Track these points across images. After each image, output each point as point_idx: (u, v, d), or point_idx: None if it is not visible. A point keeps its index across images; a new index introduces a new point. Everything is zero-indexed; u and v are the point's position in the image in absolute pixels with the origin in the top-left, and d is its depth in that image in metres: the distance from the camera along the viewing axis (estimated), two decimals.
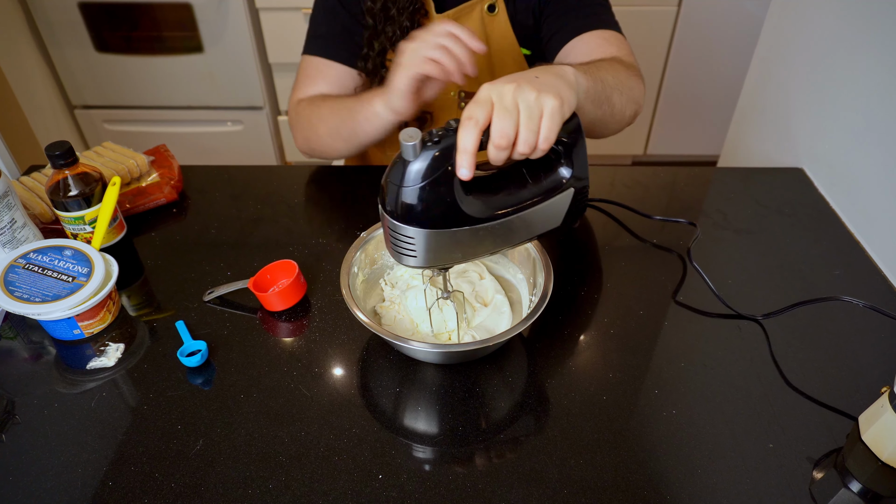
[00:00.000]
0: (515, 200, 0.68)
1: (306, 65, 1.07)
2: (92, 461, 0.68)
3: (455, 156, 0.60)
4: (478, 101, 0.61)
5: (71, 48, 2.14)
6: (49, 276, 0.80)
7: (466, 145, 0.59)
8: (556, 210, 0.72)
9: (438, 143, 0.61)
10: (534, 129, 0.61)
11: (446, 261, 0.69)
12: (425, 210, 0.63)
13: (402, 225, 0.64)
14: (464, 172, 0.60)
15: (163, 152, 1.12)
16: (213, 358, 0.79)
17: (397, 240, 0.66)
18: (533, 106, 0.60)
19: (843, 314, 0.84)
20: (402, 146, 0.60)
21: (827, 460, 0.67)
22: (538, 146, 0.62)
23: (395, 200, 0.62)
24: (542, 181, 0.70)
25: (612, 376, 0.76)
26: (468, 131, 0.59)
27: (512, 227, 0.69)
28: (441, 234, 0.65)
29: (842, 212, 1.03)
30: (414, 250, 0.66)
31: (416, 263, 0.67)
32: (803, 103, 1.20)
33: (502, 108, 0.60)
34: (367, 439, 0.69)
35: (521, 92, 0.61)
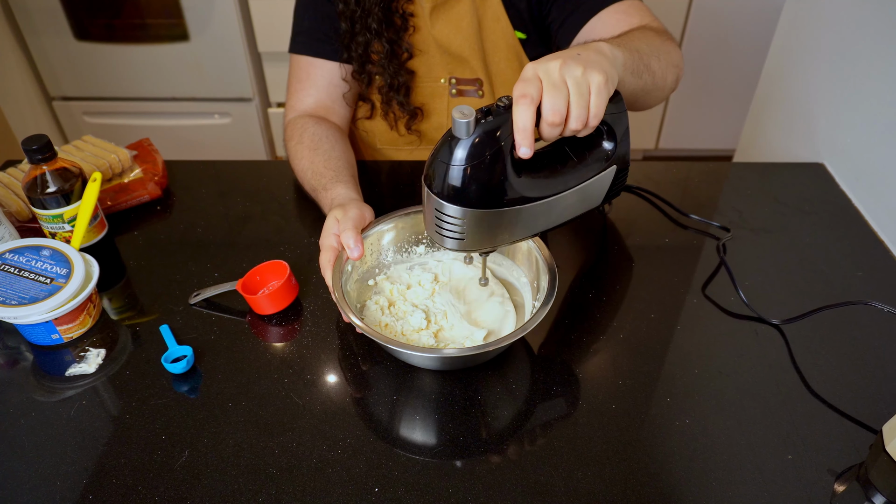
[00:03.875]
0: (562, 179, 0.71)
1: (295, 67, 1.10)
2: (71, 473, 0.67)
3: (512, 134, 0.62)
4: (527, 80, 0.62)
5: (49, 36, 2.14)
6: (26, 278, 0.80)
7: (525, 123, 0.61)
8: (600, 188, 0.75)
9: (493, 121, 0.62)
10: (584, 105, 0.63)
11: (491, 243, 0.71)
12: (477, 189, 0.64)
13: (451, 205, 0.65)
14: (524, 151, 0.62)
15: (146, 146, 1.12)
16: (200, 364, 0.79)
17: (443, 221, 0.67)
18: (581, 82, 0.63)
19: (867, 318, 0.84)
20: (454, 123, 0.61)
21: (849, 473, 0.67)
22: (589, 122, 0.64)
23: (445, 179, 0.64)
24: (587, 159, 0.72)
25: (622, 383, 0.76)
26: (525, 109, 0.61)
27: (558, 206, 0.72)
28: (491, 215, 0.66)
29: (865, 209, 1.03)
30: (461, 232, 0.67)
31: (460, 246, 0.69)
32: (824, 94, 1.20)
33: (552, 85, 0.62)
34: (363, 450, 0.69)
35: (568, 68, 0.63)
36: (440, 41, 1.04)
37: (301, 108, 1.08)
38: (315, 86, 1.08)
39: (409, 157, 1.18)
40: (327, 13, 1.04)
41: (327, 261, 0.78)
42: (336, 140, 1.01)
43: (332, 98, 1.08)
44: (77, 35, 2.13)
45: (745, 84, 2.19)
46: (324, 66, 1.07)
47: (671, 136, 2.48)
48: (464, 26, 1.03)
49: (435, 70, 1.08)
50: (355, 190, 0.91)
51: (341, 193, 0.89)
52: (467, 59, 1.06)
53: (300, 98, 1.08)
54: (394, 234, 0.86)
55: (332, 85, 1.08)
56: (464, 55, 1.05)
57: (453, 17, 1.02)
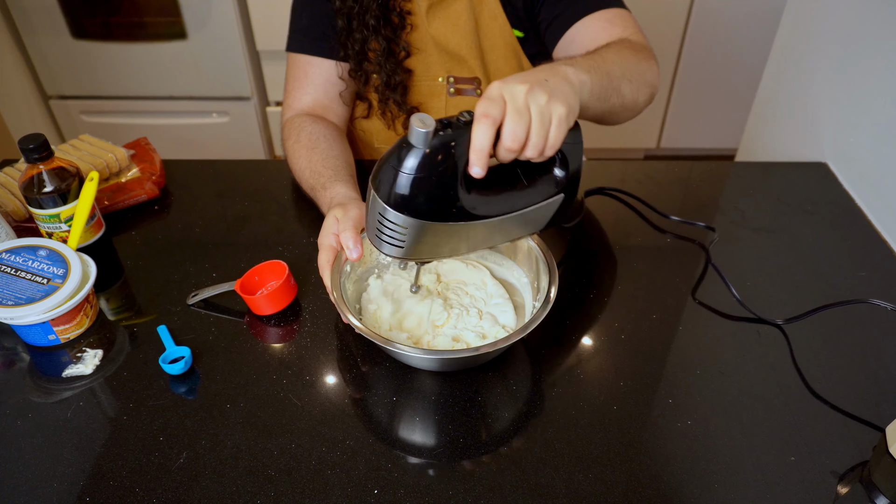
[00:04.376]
0: (510, 200, 0.70)
1: (292, 65, 1.10)
2: (68, 475, 0.67)
3: (468, 152, 0.62)
4: (492, 99, 0.62)
5: (46, 34, 2.14)
6: (22, 278, 0.80)
7: (483, 144, 0.61)
8: (545, 214, 0.75)
9: (451, 135, 0.62)
10: (543, 135, 0.63)
11: (430, 254, 0.71)
12: (424, 200, 0.64)
13: (395, 212, 0.64)
14: (477, 171, 0.62)
15: (144, 146, 1.12)
16: (198, 365, 0.79)
17: (385, 227, 0.66)
18: (544, 111, 0.63)
19: (870, 318, 0.84)
20: (412, 130, 0.60)
21: (852, 474, 0.67)
22: (544, 152, 0.65)
23: (393, 185, 0.63)
24: (537, 184, 0.72)
25: (623, 384, 0.76)
26: (485, 129, 0.61)
27: (501, 227, 0.72)
28: (433, 228, 0.66)
29: (868, 209, 1.03)
30: (401, 240, 0.67)
31: (398, 254, 0.69)
32: (827, 93, 1.20)
33: (515, 111, 0.62)
34: (362, 452, 0.69)
35: (534, 95, 0.63)
36: (437, 39, 1.04)
37: (298, 107, 1.08)
38: (313, 84, 1.08)
39: None
40: (324, 11, 1.04)
41: (326, 260, 0.78)
42: (334, 139, 1.01)
43: (329, 97, 1.08)
44: (74, 33, 2.13)
45: (747, 83, 2.18)
46: (321, 64, 1.07)
47: (673, 135, 2.48)
48: (461, 24, 1.03)
49: (433, 69, 1.08)
50: (354, 189, 0.91)
51: (340, 192, 0.89)
52: (465, 57, 1.06)
53: (297, 97, 1.08)
54: None
55: (329, 83, 1.08)
56: (461, 54, 1.05)
57: (450, 15, 1.02)
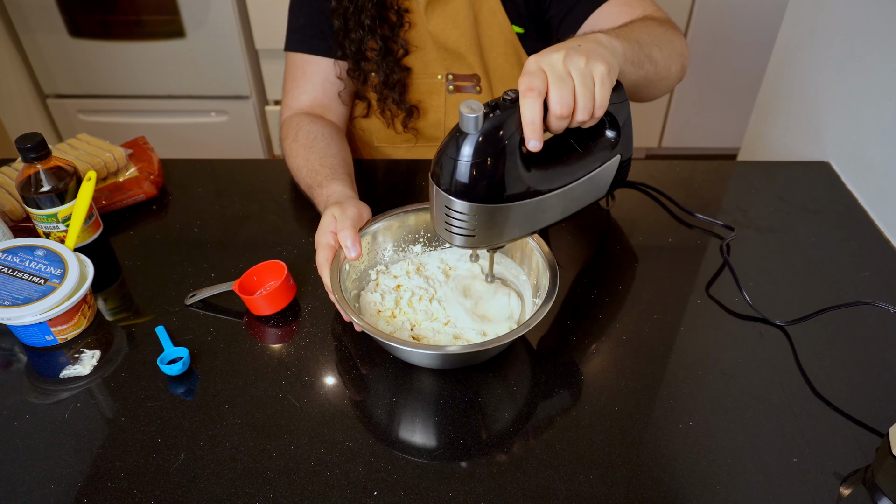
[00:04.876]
0: (569, 170, 0.71)
1: (290, 64, 1.10)
2: (65, 477, 0.68)
3: (520, 128, 0.63)
4: (532, 73, 0.63)
5: (43, 33, 2.14)
6: (19, 278, 0.80)
7: (534, 117, 0.62)
8: (604, 179, 0.76)
9: (501, 116, 0.62)
10: (590, 96, 0.64)
11: (501, 238, 0.71)
12: (486, 185, 0.64)
13: (461, 201, 0.65)
14: (534, 144, 0.63)
15: (141, 145, 1.12)
16: (196, 366, 0.79)
17: (453, 218, 0.67)
18: (585, 73, 0.64)
19: (874, 320, 0.84)
20: (462, 118, 0.61)
21: (855, 476, 0.67)
22: (594, 113, 0.65)
23: (454, 175, 0.64)
24: (593, 150, 0.73)
25: (625, 385, 0.76)
26: (533, 102, 0.62)
27: (565, 199, 0.72)
28: (500, 210, 0.67)
29: (871, 209, 1.03)
30: (472, 228, 0.67)
31: (471, 244, 0.69)
32: (830, 92, 1.20)
33: (557, 78, 0.63)
34: (361, 453, 0.69)
35: (571, 60, 0.63)
36: (436, 37, 1.04)
37: (297, 106, 1.08)
38: (311, 83, 1.08)
39: (407, 154, 1.19)
40: (322, 9, 1.04)
41: (325, 259, 0.78)
42: (332, 138, 1.01)
43: (328, 96, 1.08)
44: (71, 32, 2.13)
45: (749, 81, 2.18)
46: (319, 63, 1.07)
47: (675, 134, 2.48)
48: (460, 21, 1.03)
49: (431, 66, 1.08)
50: (351, 188, 0.91)
51: (337, 191, 0.89)
52: (464, 54, 1.06)
53: (296, 96, 1.09)
54: (391, 233, 0.86)
55: (328, 82, 1.08)
56: (460, 51, 1.05)
57: (449, 12, 1.02)
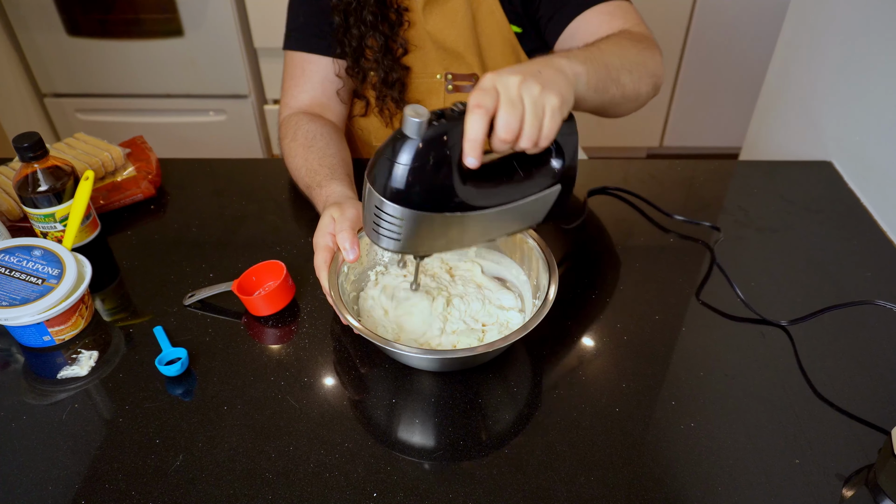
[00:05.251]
0: (507, 191, 0.71)
1: (289, 63, 1.10)
2: (63, 478, 0.67)
3: (462, 142, 0.62)
4: (484, 90, 0.63)
5: (40, 32, 2.13)
6: (17, 278, 0.80)
7: (477, 134, 0.62)
8: (542, 205, 0.75)
9: (445, 125, 0.62)
10: (537, 126, 0.64)
11: (427, 248, 0.72)
12: (420, 191, 0.64)
13: (392, 204, 0.65)
14: (471, 161, 0.63)
15: (140, 144, 1.12)
16: (195, 367, 0.79)
17: (382, 220, 0.67)
18: (537, 102, 0.64)
19: (876, 320, 0.84)
20: (405, 121, 0.61)
21: (857, 477, 0.67)
22: (539, 143, 0.66)
23: (389, 177, 0.64)
24: (534, 175, 0.73)
25: (626, 386, 0.76)
26: (478, 119, 0.62)
27: (499, 219, 0.72)
28: (430, 219, 0.67)
29: (873, 208, 1.03)
30: (398, 233, 0.67)
31: (395, 247, 0.69)
32: (832, 90, 1.20)
33: (508, 101, 0.63)
34: (361, 454, 0.69)
35: (527, 86, 0.63)
36: (434, 36, 1.04)
37: (296, 105, 1.08)
38: (310, 82, 1.08)
39: None
40: (321, 8, 1.04)
41: (323, 261, 0.78)
42: (331, 137, 1.01)
43: (327, 95, 1.08)
44: (69, 30, 2.13)
45: (751, 80, 2.18)
46: (319, 61, 1.07)
47: (676, 133, 2.48)
48: (458, 21, 1.03)
49: (430, 66, 1.08)
50: (350, 188, 0.91)
51: (336, 191, 0.89)
52: (462, 54, 1.06)
53: (295, 95, 1.08)
54: None
55: (327, 81, 1.08)
56: (458, 50, 1.05)
57: (447, 11, 1.02)
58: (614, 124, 2.31)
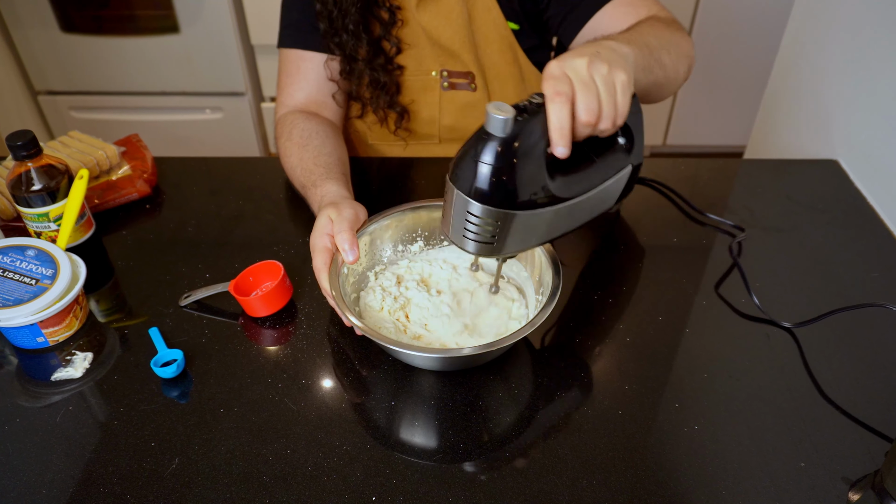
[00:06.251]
0: (587, 179, 0.71)
1: (285, 60, 1.10)
2: (57, 481, 0.68)
3: (546, 134, 0.62)
4: (557, 77, 0.63)
5: (34, 28, 2.14)
6: (10, 279, 0.80)
7: (563, 122, 0.62)
8: (616, 188, 0.76)
9: (528, 119, 0.62)
10: (613, 104, 0.65)
11: (517, 246, 0.70)
12: (510, 190, 0.63)
13: (482, 206, 0.63)
14: (561, 150, 0.63)
15: (135, 143, 1.12)
16: (190, 368, 0.79)
17: (471, 223, 0.65)
18: (608, 80, 0.64)
19: (883, 322, 0.84)
20: (490, 119, 0.60)
21: (864, 481, 0.67)
22: (616, 121, 0.66)
23: (476, 178, 0.62)
24: (608, 158, 0.73)
25: (629, 388, 0.76)
26: (561, 107, 0.62)
27: (581, 208, 0.72)
28: (522, 217, 0.66)
29: (881, 208, 1.03)
30: (491, 235, 0.66)
31: (486, 251, 0.67)
32: (838, 88, 1.20)
33: (583, 84, 0.63)
34: (360, 457, 0.69)
35: (595, 66, 0.64)
36: (429, 33, 1.04)
37: (292, 103, 1.08)
38: (306, 79, 1.08)
39: (402, 152, 1.19)
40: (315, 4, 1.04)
41: (323, 263, 0.78)
42: (326, 136, 1.01)
43: (323, 93, 1.08)
44: (63, 27, 2.13)
45: (756, 78, 2.19)
46: (314, 59, 1.07)
47: (680, 131, 2.48)
48: (453, 17, 1.03)
49: (426, 63, 1.08)
50: (346, 187, 0.90)
51: (331, 191, 0.88)
52: (458, 51, 1.06)
53: (290, 93, 1.08)
54: (389, 233, 0.86)
55: (322, 79, 1.08)
56: (454, 47, 1.05)
57: (442, 8, 1.02)
58: None
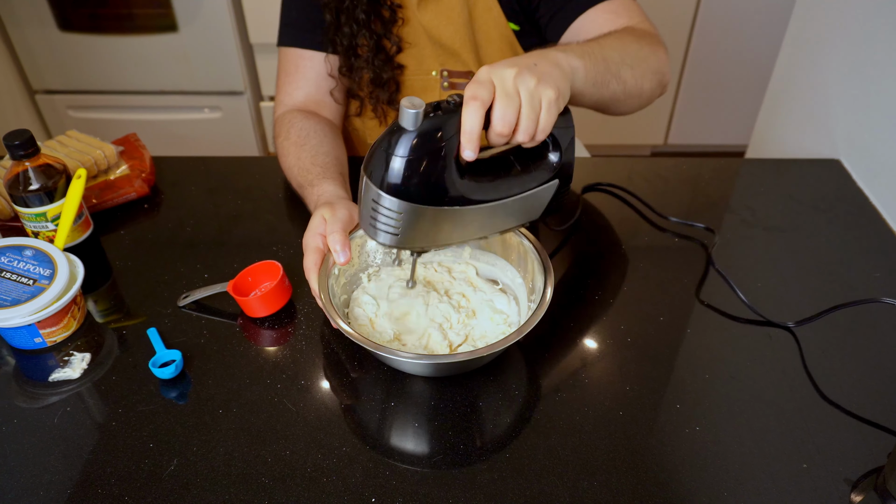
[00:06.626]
0: (505, 186, 0.72)
1: (284, 59, 1.10)
2: (55, 483, 0.68)
3: (459, 135, 0.63)
4: (480, 82, 0.63)
5: (32, 27, 2.14)
6: (7, 279, 0.80)
7: (473, 126, 0.63)
8: (540, 200, 0.76)
9: (441, 117, 0.63)
10: (534, 119, 0.65)
11: (424, 242, 0.72)
12: (417, 184, 0.65)
13: (389, 197, 0.65)
14: (468, 154, 0.64)
15: (133, 142, 1.12)
16: (189, 369, 0.79)
17: (379, 213, 0.67)
18: (534, 95, 0.64)
19: (884, 319, 0.84)
20: (402, 112, 0.61)
21: (866, 482, 0.67)
22: (535, 136, 0.66)
23: (385, 170, 0.64)
24: (531, 169, 0.74)
25: (629, 389, 0.76)
26: (474, 112, 0.62)
27: (496, 214, 0.73)
28: (428, 212, 0.67)
29: (883, 207, 1.03)
30: (396, 227, 0.68)
31: (392, 241, 0.69)
32: (840, 87, 1.20)
33: (504, 94, 0.63)
34: (359, 459, 0.69)
35: (522, 79, 0.64)
36: (430, 32, 1.04)
37: (290, 102, 1.08)
38: (305, 78, 1.08)
39: None
40: (315, 3, 1.04)
41: (313, 263, 0.78)
42: (324, 135, 1.01)
43: (322, 91, 1.08)
44: (61, 26, 2.13)
45: (757, 76, 2.18)
46: (313, 57, 1.07)
47: (681, 131, 2.48)
48: (454, 17, 1.03)
49: (426, 63, 1.08)
50: (343, 187, 0.90)
51: (328, 190, 0.88)
52: (458, 50, 1.06)
53: (289, 92, 1.08)
54: None
55: (321, 77, 1.08)
56: (455, 47, 1.05)
57: (443, 8, 1.02)
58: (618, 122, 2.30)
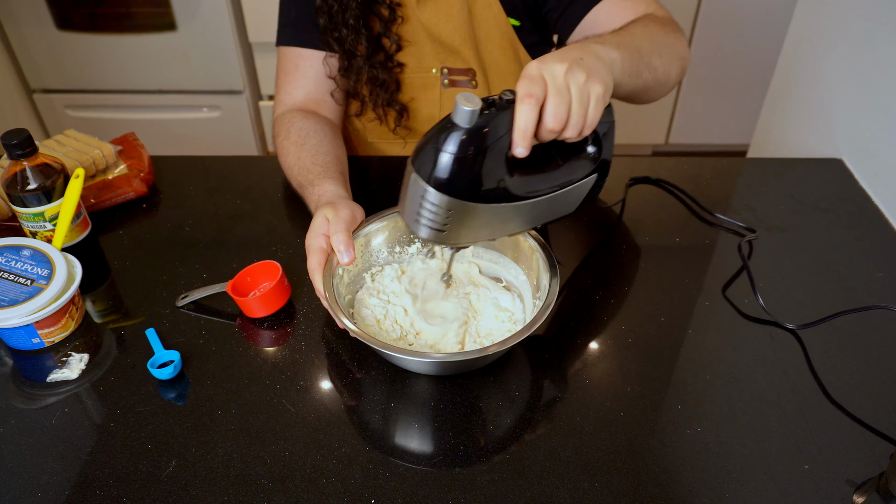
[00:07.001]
0: (547, 181, 0.72)
1: (283, 59, 1.10)
2: (53, 484, 0.67)
3: (511, 132, 0.64)
4: (532, 79, 0.64)
5: (30, 26, 2.14)
6: (5, 279, 0.80)
7: (527, 124, 0.63)
8: (577, 195, 0.77)
9: (495, 114, 0.63)
10: (583, 115, 0.66)
11: (469, 238, 0.72)
12: (467, 180, 0.65)
13: (438, 193, 0.65)
14: (521, 151, 0.64)
15: (131, 141, 1.12)
16: (188, 370, 0.79)
17: (425, 209, 0.67)
18: (583, 90, 0.65)
19: (887, 322, 0.84)
20: (457, 109, 0.61)
21: (868, 484, 0.67)
22: (583, 132, 0.67)
23: (436, 166, 0.64)
24: (573, 164, 0.74)
25: (630, 390, 0.76)
26: (530, 109, 0.63)
27: (537, 209, 0.73)
28: (475, 209, 0.67)
29: (885, 207, 1.03)
30: (443, 223, 0.67)
31: (438, 238, 0.69)
32: (842, 86, 1.20)
33: (556, 90, 0.64)
34: (359, 460, 0.69)
35: (572, 74, 0.65)
36: (430, 30, 1.04)
37: (290, 102, 1.08)
38: (304, 77, 1.08)
39: (402, 151, 1.19)
40: (313, 2, 1.04)
41: (317, 264, 0.78)
42: (325, 134, 1.01)
43: (321, 91, 1.08)
44: (59, 24, 2.13)
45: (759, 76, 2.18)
46: (313, 56, 1.07)
47: (682, 130, 2.48)
48: (454, 14, 1.03)
49: (426, 60, 1.08)
50: (344, 187, 0.90)
51: (329, 190, 0.88)
52: (458, 48, 1.06)
53: (289, 91, 1.08)
54: (386, 235, 0.86)
55: (321, 76, 1.08)
56: (455, 44, 1.05)
57: (442, 5, 1.02)
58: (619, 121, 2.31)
